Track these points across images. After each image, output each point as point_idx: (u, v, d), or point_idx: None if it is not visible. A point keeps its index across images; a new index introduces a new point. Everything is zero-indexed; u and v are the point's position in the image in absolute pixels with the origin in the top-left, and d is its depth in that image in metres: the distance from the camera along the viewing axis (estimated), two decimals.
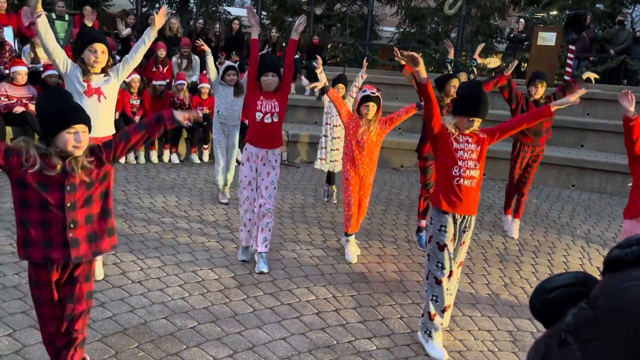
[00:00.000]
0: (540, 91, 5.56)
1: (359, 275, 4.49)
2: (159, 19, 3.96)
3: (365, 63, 6.81)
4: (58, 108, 2.36)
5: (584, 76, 5.75)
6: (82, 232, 2.41)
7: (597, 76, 5.85)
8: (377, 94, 4.65)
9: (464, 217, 3.30)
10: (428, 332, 3.39)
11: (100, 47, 3.72)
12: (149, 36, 3.98)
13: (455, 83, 5.05)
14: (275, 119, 4.29)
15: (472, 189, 3.25)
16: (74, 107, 2.43)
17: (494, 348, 3.58)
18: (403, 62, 4.89)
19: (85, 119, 2.39)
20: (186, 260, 4.43)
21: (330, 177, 6.62)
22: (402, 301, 4.10)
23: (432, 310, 3.35)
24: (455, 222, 3.29)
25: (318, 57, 5.79)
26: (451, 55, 6.53)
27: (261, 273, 4.30)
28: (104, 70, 3.85)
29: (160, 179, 7.00)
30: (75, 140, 2.32)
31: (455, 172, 3.23)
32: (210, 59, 5.98)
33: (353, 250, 4.81)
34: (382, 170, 4.47)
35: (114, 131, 4.04)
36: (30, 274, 2.48)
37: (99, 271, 3.92)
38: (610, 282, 1.37)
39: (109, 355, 3.06)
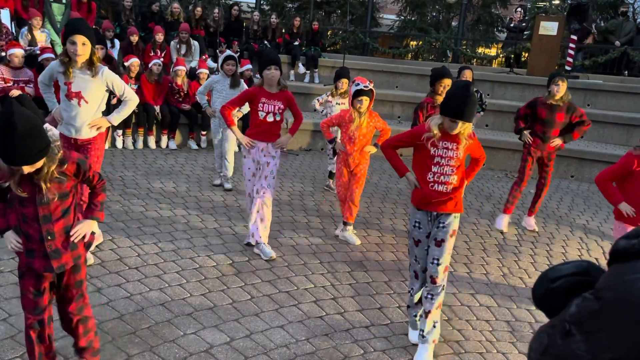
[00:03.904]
0: (561, 89, 5.25)
1: (357, 264, 4.47)
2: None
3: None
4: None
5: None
6: (61, 242, 2.43)
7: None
8: (370, 87, 4.66)
9: (439, 215, 3.20)
10: (410, 320, 3.50)
11: (80, 39, 3.56)
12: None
13: (446, 83, 4.94)
14: (277, 118, 4.38)
15: (446, 193, 3.16)
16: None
17: (492, 338, 3.58)
18: None
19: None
20: (184, 247, 4.41)
21: (331, 173, 6.59)
22: (400, 290, 4.08)
23: (408, 302, 3.47)
24: (430, 220, 3.22)
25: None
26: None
27: (270, 259, 4.32)
28: (92, 66, 3.70)
29: (158, 164, 6.95)
30: None
31: (429, 178, 3.16)
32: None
33: (352, 236, 4.94)
34: (380, 159, 4.42)
35: (95, 134, 3.93)
36: (19, 264, 2.52)
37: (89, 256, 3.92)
38: (616, 273, 1.34)
39: (105, 342, 3.04)
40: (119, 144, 7.62)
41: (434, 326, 3.22)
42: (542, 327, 1.55)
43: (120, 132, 7.60)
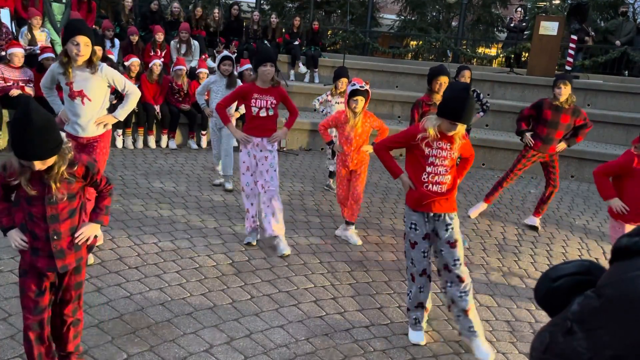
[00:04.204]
0: (564, 91, 5.25)
1: (357, 264, 4.47)
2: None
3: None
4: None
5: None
6: (66, 242, 2.45)
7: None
8: (365, 87, 4.70)
9: (439, 215, 3.22)
10: (410, 321, 3.49)
11: (82, 40, 3.56)
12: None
13: (442, 80, 4.96)
14: (271, 113, 4.42)
15: (441, 193, 3.19)
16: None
17: (492, 338, 3.57)
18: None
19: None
20: (184, 247, 4.40)
21: (331, 173, 6.61)
22: (400, 290, 4.08)
23: (407, 304, 3.47)
24: (427, 221, 3.24)
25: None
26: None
27: (282, 256, 4.36)
28: (91, 64, 3.70)
29: (158, 164, 6.95)
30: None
31: (424, 178, 3.19)
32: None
33: (353, 235, 4.94)
34: None
35: (102, 131, 3.93)
36: (20, 263, 2.52)
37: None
38: (618, 270, 1.33)
39: (105, 341, 3.04)
40: (119, 143, 7.62)
41: (477, 318, 3.29)
42: (544, 326, 1.54)
43: (120, 131, 7.60)
